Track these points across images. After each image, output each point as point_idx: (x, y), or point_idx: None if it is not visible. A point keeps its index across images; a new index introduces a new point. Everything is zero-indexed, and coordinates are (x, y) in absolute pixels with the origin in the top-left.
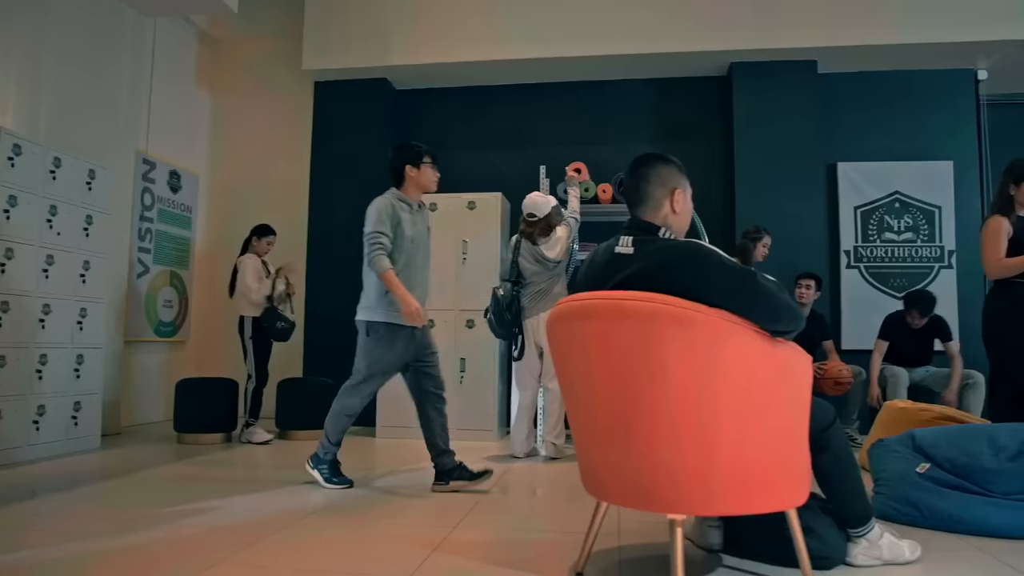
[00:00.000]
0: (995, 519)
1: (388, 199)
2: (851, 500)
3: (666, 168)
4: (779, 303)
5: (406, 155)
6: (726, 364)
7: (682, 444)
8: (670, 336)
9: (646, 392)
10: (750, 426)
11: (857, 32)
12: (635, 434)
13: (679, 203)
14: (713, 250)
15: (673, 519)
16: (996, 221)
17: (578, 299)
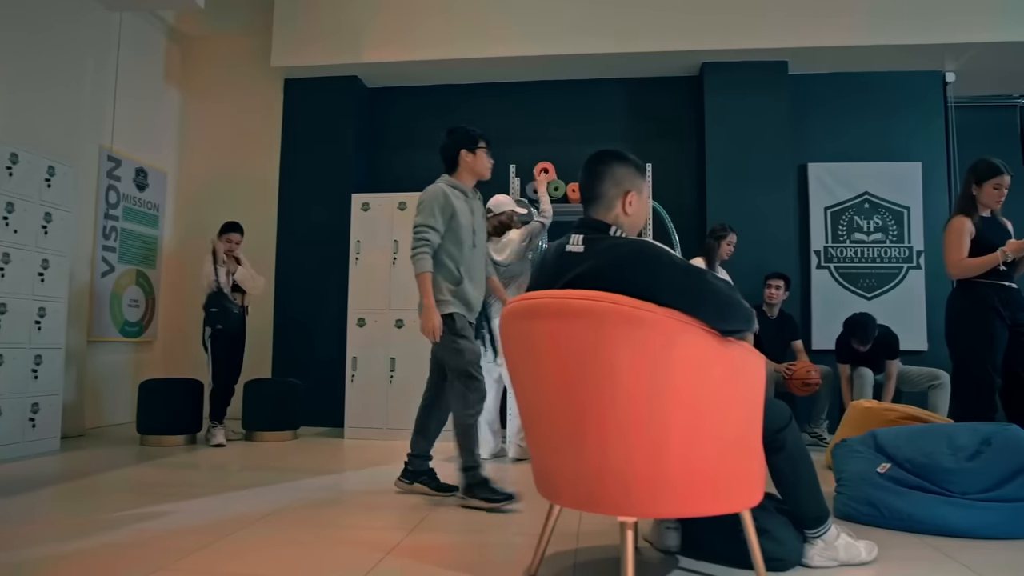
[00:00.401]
0: (952, 519)
1: (441, 188)
2: (807, 501)
3: (622, 168)
4: (729, 302)
5: (461, 139)
6: (676, 364)
7: (631, 445)
8: (619, 336)
9: (595, 392)
10: (701, 427)
11: (827, 33)
12: (584, 435)
13: (632, 205)
14: (663, 249)
15: (624, 521)
16: (959, 221)
17: (527, 298)
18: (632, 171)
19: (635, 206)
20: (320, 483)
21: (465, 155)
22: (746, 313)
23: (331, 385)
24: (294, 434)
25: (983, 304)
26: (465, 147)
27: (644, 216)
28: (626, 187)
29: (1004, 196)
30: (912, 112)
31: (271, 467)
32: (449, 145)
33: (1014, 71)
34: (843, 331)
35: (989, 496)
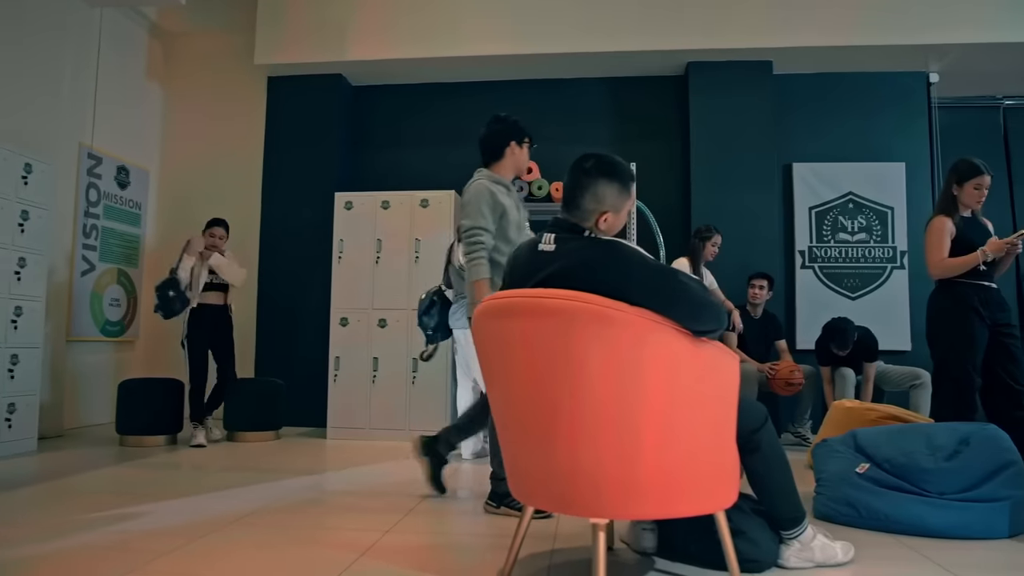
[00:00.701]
0: (930, 519)
1: (485, 185)
2: (782, 502)
3: (605, 188)
4: (700, 302)
5: (512, 130)
6: (647, 364)
7: (602, 446)
8: (590, 335)
9: (565, 392)
10: (672, 427)
11: (812, 33)
12: (555, 436)
13: (607, 222)
14: (635, 249)
15: (596, 523)
16: (940, 221)
17: (499, 297)
18: (616, 191)
19: (609, 223)
20: (299, 484)
21: (514, 147)
22: (718, 313)
23: (314, 385)
24: (276, 434)
25: (963, 304)
26: (515, 139)
27: (620, 226)
28: (605, 208)
29: (984, 196)
30: (896, 112)
31: (251, 468)
32: (497, 134)
33: (997, 72)
34: (822, 336)
35: (966, 496)
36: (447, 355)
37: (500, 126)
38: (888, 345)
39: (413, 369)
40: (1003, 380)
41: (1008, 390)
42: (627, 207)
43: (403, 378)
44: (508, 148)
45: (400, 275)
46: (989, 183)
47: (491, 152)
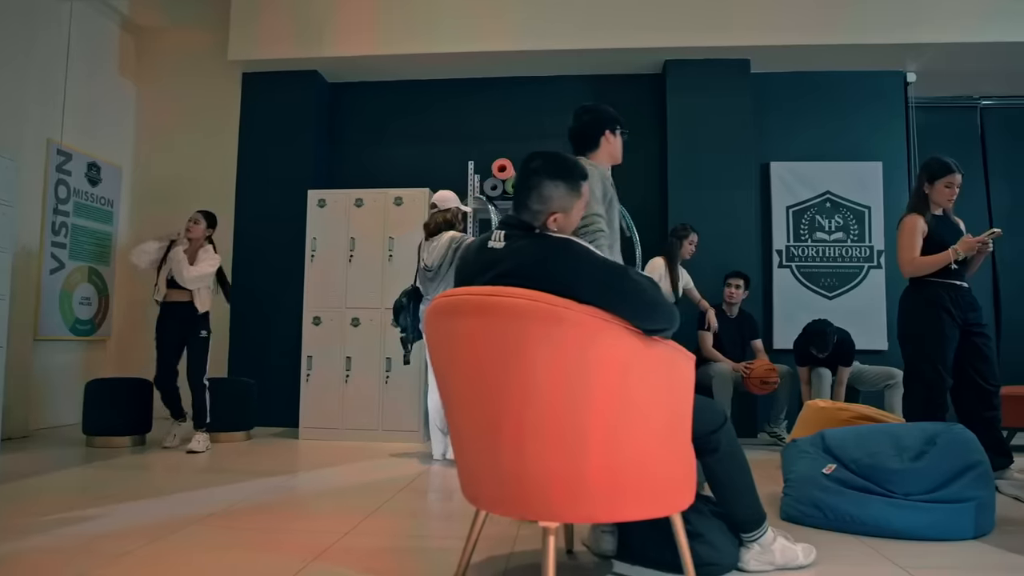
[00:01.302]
0: (895, 520)
1: (598, 171)
2: (742, 504)
3: (551, 189)
4: (651, 301)
5: (606, 118)
6: (597, 364)
7: (550, 447)
8: (537, 334)
9: (513, 392)
10: (623, 429)
11: (789, 32)
12: (502, 436)
13: (557, 223)
14: (585, 246)
15: (545, 526)
16: (912, 220)
17: (448, 295)
18: (562, 192)
19: (559, 224)
20: (265, 485)
21: (609, 136)
22: (669, 311)
23: (287, 385)
24: (248, 435)
25: (934, 303)
26: (609, 127)
27: (574, 226)
28: (552, 209)
29: (956, 195)
30: (873, 112)
31: (219, 469)
32: (591, 123)
33: (973, 72)
34: (801, 337)
35: (932, 497)
36: (421, 356)
37: (592, 115)
38: (864, 345)
39: (386, 369)
40: (974, 380)
41: (979, 390)
42: (578, 207)
43: (376, 378)
44: (603, 137)
45: (373, 274)
46: (960, 181)
47: (585, 142)
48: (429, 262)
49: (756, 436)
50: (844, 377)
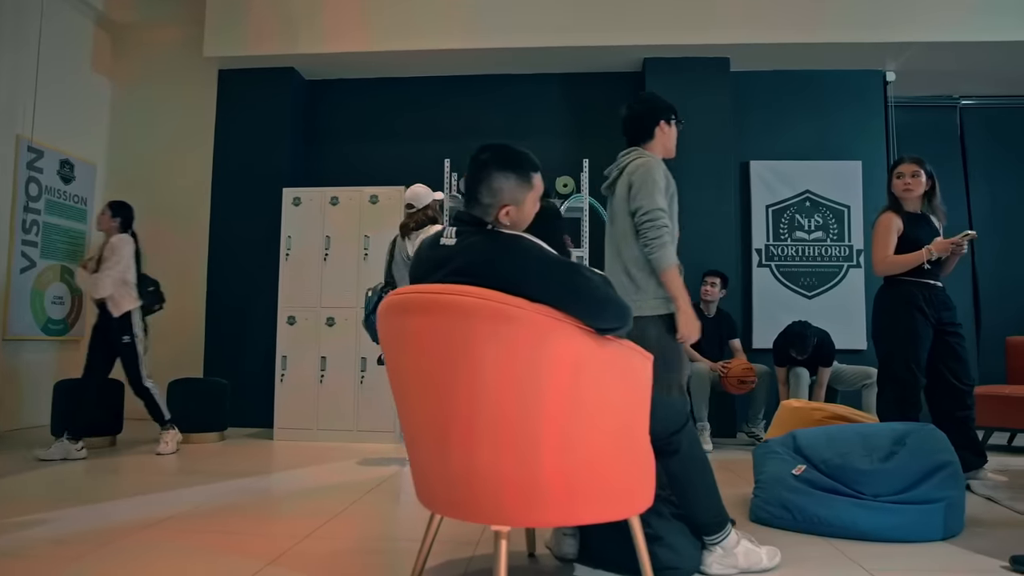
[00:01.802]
0: (863, 522)
1: (658, 161)
2: (703, 506)
3: (501, 180)
4: (603, 298)
5: (660, 108)
6: (547, 364)
7: (501, 449)
8: (486, 333)
9: (463, 394)
10: (577, 430)
11: (769, 30)
12: (452, 438)
13: (509, 216)
14: (535, 243)
15: (497, 531)
16: (887, 218)
17: (399, 293)
18: (512, 183)
19: (512, 217)
20: (231, 486)
21: (663, 126)
22: (622, 309)
23: (261, 385)
24: (221, 435)
25: (907, 302)
26: (664, 117)
27: (527, 219)
28: (503, 201)
29: (910, 186)
30: (853, 111)
31: (188, 470)
32: (646, 114)
33: (952, 71)
34: (781, 338)
35: (901, 498)
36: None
37: (647, 105)
38: (844, 344)
39: (361, 369)
40: (947, 379)
41: (952, 389)
42: (530, 199)
43: (351, 378)
44: (658, 128)
45: (349, 273)
46: (914, 171)
47: (639, 133)
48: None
49: (735, 436)
50: (824, 378)
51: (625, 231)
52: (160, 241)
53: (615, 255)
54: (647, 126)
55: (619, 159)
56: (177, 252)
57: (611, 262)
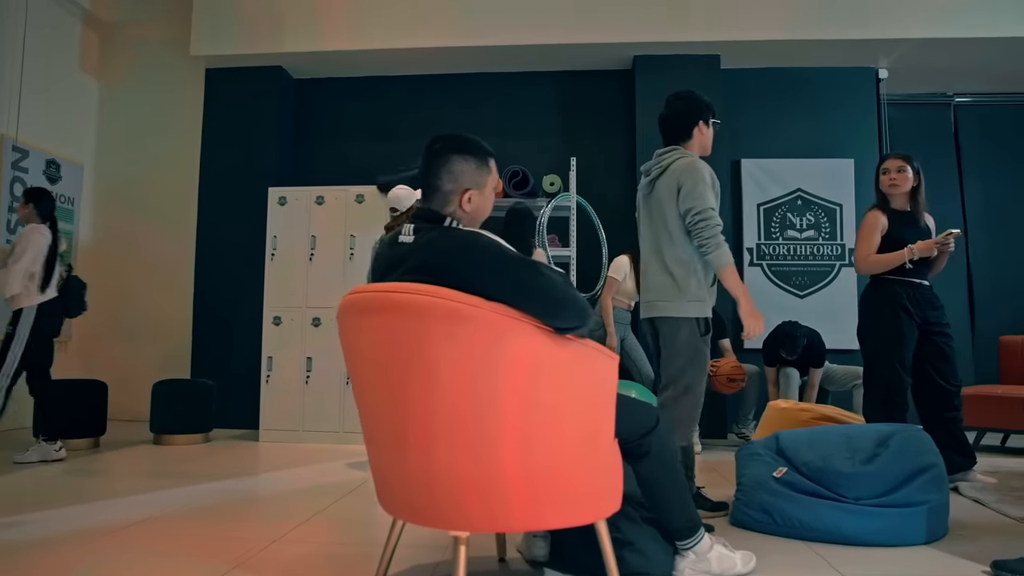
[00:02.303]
0: (844, 526)
1: (703, 162)
2: (675, 510)
3: (460, 164)
4: (562, 297)
5: (699, 108)
6: (504, 364)
7: (459, 453)
8: (440, 333)
9: (419, 395)
10: (536, 433)
11: (760, 27)
12: (411, 442)
13: (471, 202)
14: (493, 239)
15: (456, 536)
16: (872, 216)
17: (356, 292)
18: (472, 167)
19: (474, 203)
20: (209, 489)
21: (702, 127)
22: (581, 308)
23: (247, 386)
24: (206, 437)
25: (891, 301)
26: (702, 118)
27: (487, 210)
28: (464, 184)
29: (896, 181)
30: (845, 108)
31: (167, 472)
32: (684, 114)
33: (945, 68)
34: (770, 338)
35: (882, 501)
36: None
37: (685, 104)
38: (836, 344)
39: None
40: (934, 379)
41: (939, 390)
42: (490, 185)
43: (337, 379)
44: (696, 128)
45: (335, 273)
46: (899, 166)
47: (678, 132)
48: None
49: (725, 437)
50: (816, 379)
51: (669, 229)
52: (148, 241)
53: (653, 253)
54: (686, 126)
55: (659, 158)
56: (165, 252)
57: (649, 261)
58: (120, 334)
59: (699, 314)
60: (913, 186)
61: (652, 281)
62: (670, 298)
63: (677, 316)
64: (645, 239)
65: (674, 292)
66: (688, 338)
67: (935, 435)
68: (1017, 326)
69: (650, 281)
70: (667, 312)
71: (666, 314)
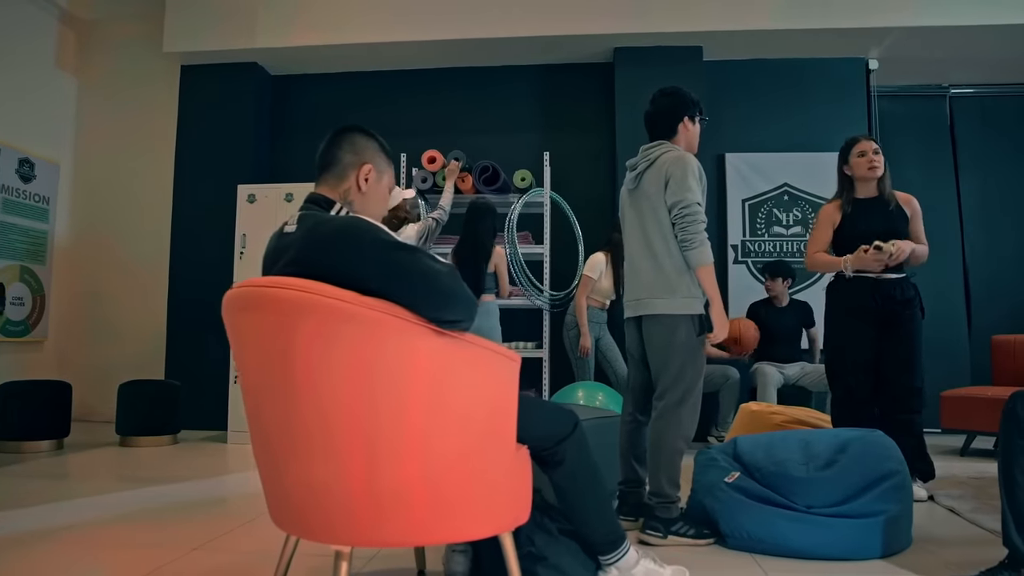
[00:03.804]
0: (794, 538)
1: (690, 155)
2: (595, 523)
3: (364, 140)
4: (446, 288)
5: (685, 104)
6: (379, 365)
7: (328, 462)
8: (310, 331)
9: (290, 397)
10: (414, 439)
11: (743, 16)
12: (281, 447)
13: (368, 181)
14: (374, 226)
15: (338, 551)
16: (825, 209)
17: (236, 287)
18: (376, 148)
19: (372, 184)
20: (153, 492)
21: (687, 123)
22: (466, 301)
23: (218, 386)
24: (174, 439)
25: (844, 300)
26: (688, 113)
27: (380, 205)
28: (365, 158)
29: (876, 162)
30: (833, 100)
31: (121, 475)
32: (669, 110)
33: (939, 58)
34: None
35: (835, 511)
36: None
37: (671, 100)
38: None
39: None
40: (889, 379)
41: (893, 390)
42: (388, 172)
43: None
44: (681, 124)
45: None
46: (874, 147)
47: (662, 128)
48: None
49: (705, 440)
50: (815, 335)
51: (658, 225)
52: (125, 241)
53: (643, 249)
54: (670, 123)
55: (645, 152)
56: (141, 252)
57: (638, 258)
58: (95, 334)
59: (695, 311)
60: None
61: (643, 279)
62: (663, 295)
63: (673, 314)
64: (632, 236)
65: (668, 289)
66: (686, 337)
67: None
68: (1015, 324)
69: (641, 279)
70: (661, 310)
71: (660, 312)
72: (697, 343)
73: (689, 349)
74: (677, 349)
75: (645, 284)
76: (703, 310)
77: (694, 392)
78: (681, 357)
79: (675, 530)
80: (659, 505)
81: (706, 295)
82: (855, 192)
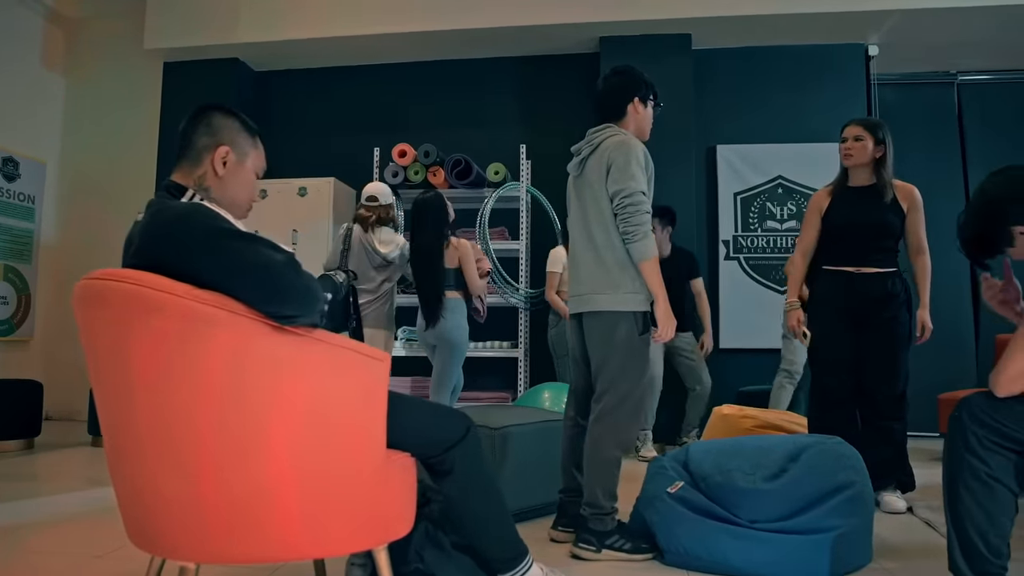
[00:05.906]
0: (733, 556)
1: (637, 141)
2: (490, 537)
3: (222, 120)
4: (281, 280)
5: (635, 84)
6: (212, 364)
7: (162, 470)
8: (140, 327)
9: (123, 397)
10: (260, 446)
11: (734, 2)
12: (122, 453)
13: (227, 164)
14: (210, 212)
15: (183, 567)
16: (815, 195)
17: (84, 278)
18: (237, 127)
19: (231, 168)
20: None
21: (637, 105)
22: (303, 295)
23: None
24: None
25: (822, 293)
26: (638, 94)
27: (243, 192)
28: (222, 140)
29: (850, 150)
30: (830, 88)
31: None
32: (616, 90)
33: (945, 43)
34: None
35: (780, 526)
36: None
37: (620, 79)
38: None
39: None
40: (865, 382)
41: (870, 393)
42: (253, 158)
43: None
44: (630, 106)
45: None
46: (857, 134)
47: (610, 109)
48: (384, 249)
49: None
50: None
51: (599, 215)
52: (111, 239)
53: (586, 241)
54: (618, 103)
55: (590, 136)
56: None
57: (580, 250)
58: None
59: (637, 308)
60: (876, 157)
61: (584, 272)
62: (604, 290)
63: (613, 310)
64: (575, 226)
65: (608, 284)
66: (626, 335)
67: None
68: None
69: (581, 272)
70: (601, 306)
71: (600, 308)
72: (640, 342)
73: (631, 348)
74: (618, 348)
75: (586, 279)
76: (648, 307)
77: (634, 395)
78: (622, 356)
79: (610, 544)
80: (593, 517)
81: (651, 292)
82: (849, 179)
